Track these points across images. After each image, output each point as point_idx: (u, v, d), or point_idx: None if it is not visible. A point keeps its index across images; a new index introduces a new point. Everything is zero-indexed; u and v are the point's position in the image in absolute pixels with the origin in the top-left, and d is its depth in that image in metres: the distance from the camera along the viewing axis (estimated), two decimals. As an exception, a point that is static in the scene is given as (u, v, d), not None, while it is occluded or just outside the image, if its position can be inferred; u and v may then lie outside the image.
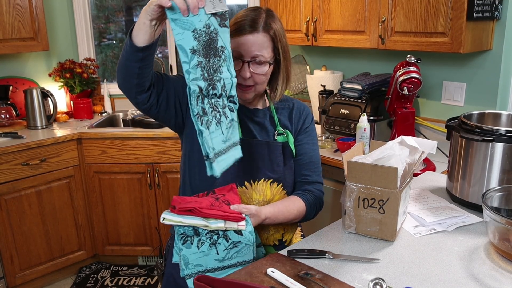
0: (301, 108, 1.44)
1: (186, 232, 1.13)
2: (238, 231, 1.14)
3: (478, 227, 1.29)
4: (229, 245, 1.14)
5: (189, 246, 1.12)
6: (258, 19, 1.24)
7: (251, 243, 1.15)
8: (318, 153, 1.43)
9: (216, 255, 1.14)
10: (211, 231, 1.13)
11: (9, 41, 2.74)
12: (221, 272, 1.15)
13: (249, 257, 1.17)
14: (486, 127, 1.35)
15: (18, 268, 2.67)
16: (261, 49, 1.24)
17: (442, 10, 1.97)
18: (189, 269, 1.14)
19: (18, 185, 2.59)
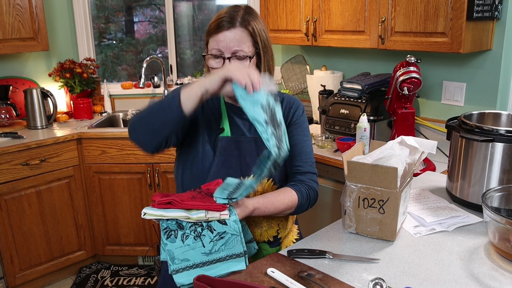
0: (291, 101, 1.43)
1: (170, 226, 1.11)
2: (222, 221, 1.11)
3: (478, 227, 1.29)
4: (214, 237, 1.11)
5: (174, 241, 1.10)
6: (236, 15, 1.26)
7: (237, 232, 1.12)
8: (309, 144, 1.41)
9: (202, 248, 1.11)
10: (195, 224, 1.11)
11: (9, 41, 2.74)
12: (210, 267, 1.12)
13: (238, 250, 1.13)
14: (486, 127, 1.35)
15: (18, 268, 2.67)
16: (240, 44, 1.25)
17: (442, 10, 1.97)
18: (176, 264, 1.11)
19: (18, 185, 2.59)
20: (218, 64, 1.27)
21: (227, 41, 1.24)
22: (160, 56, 3.61)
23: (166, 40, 3.49)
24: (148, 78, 3.50)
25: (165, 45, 3.55)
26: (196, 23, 3.56)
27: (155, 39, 3.62)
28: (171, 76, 3.52)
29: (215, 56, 1.26)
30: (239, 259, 1.13)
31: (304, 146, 1.39)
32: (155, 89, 3.46)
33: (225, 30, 1.24)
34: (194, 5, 3.57)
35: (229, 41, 1.24)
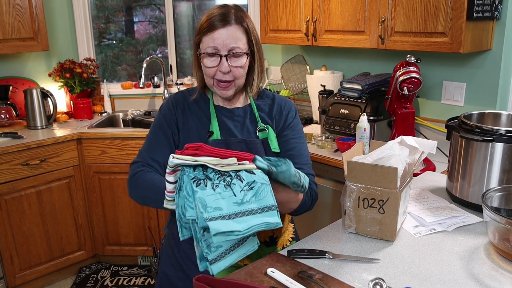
0: (282, 103, 1.42)
1: (198, 175, 1.05)
2: (249, 171, 1.08)
3: (478, 227, 1.29)
4: (244, 186, 1.06)
5: (204, 188, 1.04)
6: (229, 13, 1.26)
7: (266, 182, 1.08)
8: (305, 146, 1.41)
9: (233, 197, 1.05)
10: (223, 174, 1.07)
11: (9, 41, 2.74)
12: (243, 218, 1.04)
13: (269, 201, 1.07)
14: (486, 127, 1.35)
15: (18, 268, 2.67)
16: (237, 41, 1.25)
17: (442, 10, 1.97)
18: (209, 212, 1.02)
19: (18, 185, 2.59)
20: (213, 62, 1.26)
21: (223, 38, 1.24)
22: (160, 56, 3.61)
23: (166, 40, 3.49)
24: (148, 78, 3.50)
25: (165, 45, 3.55)
26: (196, 23, 3.56)
27: (155, 39, 3.62)
28: (171, 76, 3.53)
29: (211, 54, 1.26)
30: (272, 212, 1.07)
31: (301, 149, 1.39)
32: (155, 89, 3.46)
33: (220, 27, 1.24)
34: (194, 5, 3.57)
35: (225, 38, 1.24)
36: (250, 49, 1.30)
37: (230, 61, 1.26)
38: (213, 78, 1.29)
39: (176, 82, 3.45)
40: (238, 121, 1.37)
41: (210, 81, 1.31)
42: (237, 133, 1.35)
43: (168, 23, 3.45)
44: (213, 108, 1.37)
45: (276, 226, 1.06)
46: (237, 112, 1.38)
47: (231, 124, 1.36)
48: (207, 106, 1.38)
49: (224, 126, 1.36)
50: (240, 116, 1.38)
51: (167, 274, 1.38)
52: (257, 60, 1.33)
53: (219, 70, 1.27)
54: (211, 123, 1.35)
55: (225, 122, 1.36)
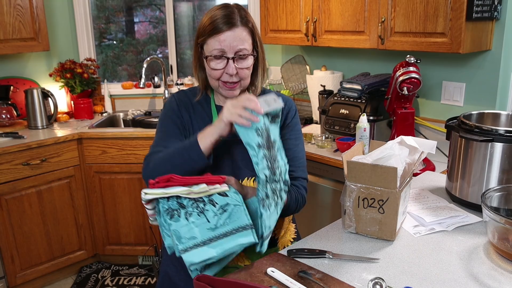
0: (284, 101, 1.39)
1: (171, 206, 1.10)
2: (222, 193, 1.11)
3: (477, 226, 1.29)
4: (218, 210, 1.10)
5: (178, 220, 1.08)
6: (233, 14, 1.25)
7: (239, 202, 1.11)
8: (302, 148, 1.40)
9: (207, 223, 1.09)
10: (196, 201, 1.10)
11: (10, 41, 2.75)
12: (218, 242, 1.09)
13: (243, 222, 1.11)
14: (486, 127, 1.35)
15: (19, 267, 2.68)
16: (243, 42, 1.25)
17: (441, 11, 1.98)
18: (183, 244, 1.08)
19: (19, 185, 2.60)
20: (220, 65, 1.25)
21: (229, 40, 1.23)
22: (161, 56, 3.62)
23: (167, 40, 3.50)
24: (148, 78, 3.51)
25: (165, 45, 3.55)
26: (196, 23, 3.56)
27: (156, 39, 3.63)
28: (171, 76, 3.53)
29: (217, 57, 1.24)
30: (246, 232, 1.11)
31: (296, 150, 1.38)
32: (155, 89, 3.46)
33: (226, 30, 1.23)
34: (194, 6, 3.58)
35: (232, 41, 1.23)
36: (255, 49, 1.30)
37: (237, 63, 1.25)
38: (218, 80, 1.28)
39: (177, 82, 3.45)
40: None
41: (215, 83, 1.30)
42: None
43: (168, 23, 3.45)
44: (214, 108, 1.37)
45: (251, 244, 1.11)
46: None
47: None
48: (209, 107, 1.38)
49: None
50: None
51: (169, 273, 1.39)
52: (260, 61, 1.33)
53: (225, 72, 1.25)
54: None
55: None
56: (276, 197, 1.18)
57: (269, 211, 1.16)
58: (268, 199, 1.16)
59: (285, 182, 1.22)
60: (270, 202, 1.16)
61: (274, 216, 1.19)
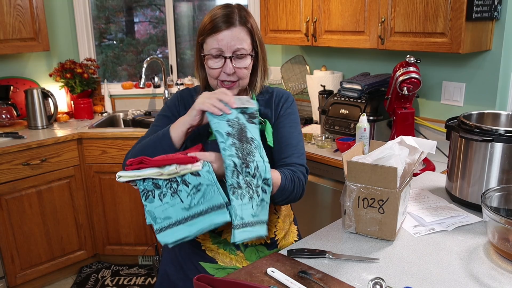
0: (280, 94, 1.42)
1: (146, 187, 1.11)
2: (195, 173, 1.11)
3: (477, 226, 1.29)
4: (191, 190, 1.11)
5: (152, 201, 1.11)
6: (233, 13, 1.26)
7: (211, 182, 1.11)
8: (297, 135, 1.37)
9: (181, 204, 1.11)
10: (170, 181, 1.11)
11: (10, 42, 2.75)
12: (193, 221, 1.11)
13: (218, 200, 1.11)
14: (486, 127, 1.35)
15: (19, 267, 2.68)
16: (241, 42, 1.25)
17: (441, 11, 1.98)
18: (158, 224, 1.11)
19: (19, 185, 2.60)
20: (218, 64, 1.26)
21: (227, 39, 1.23)
22: (161, 56, 3.62)
23: (167, 40, 3.50)
24: (148, 78, 3.51)
25: (165, 45, 3.55)
26: (196, 23, 3.56)
27: (156, 39, 3.63)
28: (171, 76, 3.53)
29: (215, 56, 1.25)
30: (221, 211, 1.11)
31: (290, 138, 1.34)
32: (155, 89, 3.46)
33: (224, 29, 1.24)
34: (194, 6, 3.58)
35: (230, 40, 1.23)
36: (254, 49, 1.30)
37: (235, 63, 1.26)
38: (217, 79, 1.29)
39: (177, 82, 3.45)
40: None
41: (214, 82, 1.31)
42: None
43: (168, 24, 3.45)
44: None
45: (225, 223, 1.11)
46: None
47: None
48: None
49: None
50: None
51: (168, 272, 1.39)
52: (260, 61, 1.33)
53: (223, 72, 1.26)
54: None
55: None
56: (251, 191, 1.15)
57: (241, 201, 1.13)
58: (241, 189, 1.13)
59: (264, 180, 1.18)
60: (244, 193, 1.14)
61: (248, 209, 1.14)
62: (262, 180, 1.19)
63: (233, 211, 1.11)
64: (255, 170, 1.17)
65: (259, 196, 1.17)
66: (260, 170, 1.18)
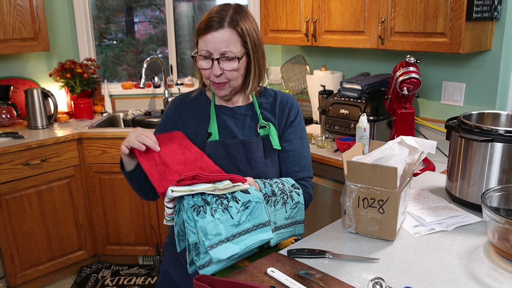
0: (285, 100, 1.42)
1: (197, 203, 1.11)
2: (245, 191, 1.16)
3: (477, 226, 1.29)
4: (240, 207, 1.14)
5: (204, 216, 1.10)
6: (225, 15, 1.26)
7: (260, 200, 1.16)
8: (306, 147, 1.42)
9: (231, 220, 1.12)
10: (220, 198, 1.13)
11: (10, 41, 2.75)
12: (240, 239, 1.13)
13: (263, 218, 1.16)
14: (486, 127, 1.35)
15: (19, 267, 2.68)
16: (229, 45, 1.25)
17: (441, 11, 1.98)
18: (210, 240, 1.09)
19: (19, 185, 2.60)
20: (207, 64, 1.27)
21: (215, 42, 1.24)
22: (161, 56, 3.62)
23: (167, 40, 3.50)
24: (148, 78, 3.51)
25: (165, 45, 3.55)
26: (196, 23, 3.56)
27: (156, 39, 3.63)
28: (171, 76, 3.53)
29: (205, 57, 1.27)
30: (265, 228, 1.16)
31: (301, 151, 1.40)
32: (155, 89, 3.46)
33: (213, 30, 1.24)
34: (194, 6, 3.58)
35: (217, 42, 1.24)
36: (246, 51, 1.29)
37: (222, 64, 1.26)
38: (208, 79, 1.31)
39: (177, 82, 3.45)
40: (239, 119, 1.37)
41: (207, 81, 1.33)
42: (238, 132, 1.35)
43: (168, 24, 3.45)
44: (213, 108, 1.37)
45: (270, 239, 1.18)
46: (238, 111, 1.38)
47: (231, 123, 1.36)
48: (208, 107, 1.39)
49: (224, 126, 1.36)
50: (242, 114, 1.38)
51: (169, 272, 1.39)
52: (253, 62, 1.32)
53: (212, 73, 1.28)
54: (210, 124, 1.35)
55: (225, 121, 1.36)
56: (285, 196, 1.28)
57: (274, 208, 1.25)
58: (275, 196, 1.25)
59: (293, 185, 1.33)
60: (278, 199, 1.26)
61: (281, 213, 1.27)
62: (291, 185, 1.32)
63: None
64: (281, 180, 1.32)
65: (293, 200, 1.29)
66: (284, 180, 1.33)
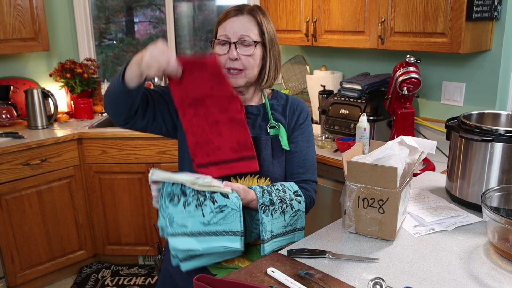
0: (296, 103, 1.45)
1: (174, 191, 1.14)
2: (224, 195, 1.15)
3: (477, 226, 1.29)
4: (215, 208, 1.14)
5: (176, 205, 1.13)
6: (245, 6, 1.33)
7: (237, 208, 1.15)
8: (313, 150, 1.44)
9: (201, 217, 1.13)
10: (198, 193, 1.14)
11: (10, 41, 2.75)
12: (205, 238, 1.13)
13: (236, 227, 1.15)
14: (486, 127, 1.35)
15: (19, 267, 2.68)
16: (247, 30, 1.30)
17: (441, 11, 1.98)
18: (173, 228, 1.13)
19: (19, 185, 2.60)
20: (223, 50, 1.30)
21: (234, 27, 1.29)
22: (161, 56, 3.61)
23: (167, 40, 3.50)
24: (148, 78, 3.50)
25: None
26: (196, 23, 3.56)
27: (156, 39, 3.63)
28: (171, 76, 3.53)
29: (222, 42, 1.30)
30: (235, 238, 1.15)
31: (307, 153, 1.41)
32: (155, 89, 3.46)
33: (233, 16, 1.30)
34: (194, 6, 3.58)
35: (236, 27, 1.29)
36: (262, 42, 1.33)
37: (239, 49, 1.29)
38: (224, 67, 1.31)
39: (177, 82, 3.45)
40: (250, 118, 1.38)
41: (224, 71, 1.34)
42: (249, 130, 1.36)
43: (168, 24, 3.45)
44: None
45: (236, 250, 1.17)
46: (250, 110, 1.39)
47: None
48: None
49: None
50: (253, 114, 1.39)
51: (170, 271, 1.39)
52: (270, 56, 1.35)
53: (228, 58, 1.29)
54: None
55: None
56: (284, 205, 1.26)
57: (271, 217, 1.23)
58: (273, 205, 1.24)
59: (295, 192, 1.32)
60: (276, 208, 1.24)
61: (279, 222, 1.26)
62: (293, 193, 1.31)
63: (263, 227, 1.22)
64: (283, 187, 1.30)
65: (293, 208, 1.29)
66: (286, 186, 1.31)
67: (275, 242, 1.27)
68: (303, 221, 1.34)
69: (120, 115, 1.29)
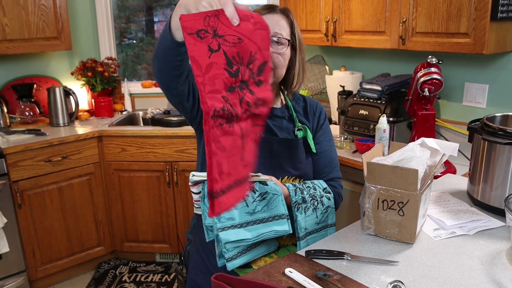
0: (314, 104, 1.47)
1: None
2: (263, 182, 1.19)
3: (500, 231, 1.26)
4: (257, 197, 1.17)
5: None
6: (276, 6, 1.33)
7: (278, 192, 1.19)
8: (334, 148, 1.48)
9: (246, 208, 1.16)
10: None
11: (34, 41, 2.81)
12: (254, 227, 1.17)
13: (280, 210, 1.19)
14: (510, 130, 1.32)
15: (40, 262, 2.73)
16: (280, 28, 1.29)
17: (465, 10, 1.94)
18: (221, 222, 1.15)
19: (41, 181, 2.65)
20: None
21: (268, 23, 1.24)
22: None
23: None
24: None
25: (184, 44, 3.58)
26: (216, 23, 3.58)
27: (175, 38, 3.65)
28: (190, 75, 3.55)
29: None
30: (282, 221, 1.19)
31: (331, 152, 1.44)
32: (174, 88, 3.48)
33: (267, 13, 1.29)
34: (214, 5, 3.59)
35: (270, 23, 1.21)
36: (293, 44, 1.33)
37: (272, 47, 1.27)
38: None
39: (195, 82, 3.47)
40: (276, 120, 1.39)
41: None
42: (277, 132, 1.37)
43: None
44: None
45: (285, 233, 1.20)
46: (275, 112, 1.39)
47: (270, 123, 1.37)
48: None
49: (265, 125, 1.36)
50: (278, 116, 1.39)
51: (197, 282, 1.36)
52: (298, 59, 1.35)
53: None
54: None
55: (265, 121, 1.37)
56: (316, 202, 1.29)
57: (304, 214, 1.27)
58: (306, 203, 1.27)
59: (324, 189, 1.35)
60: (308, 206, 1.27)
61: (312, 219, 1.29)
62: (323, 190, 1.35)
63: (297, 225, 1.26)
64: (313, 184, 1.34)
65: (324, 205, 1.34)
66: (316, 183, 1.35)
67: (309, 239, 1.30)
68: (334, 217, 1.37)
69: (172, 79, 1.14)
